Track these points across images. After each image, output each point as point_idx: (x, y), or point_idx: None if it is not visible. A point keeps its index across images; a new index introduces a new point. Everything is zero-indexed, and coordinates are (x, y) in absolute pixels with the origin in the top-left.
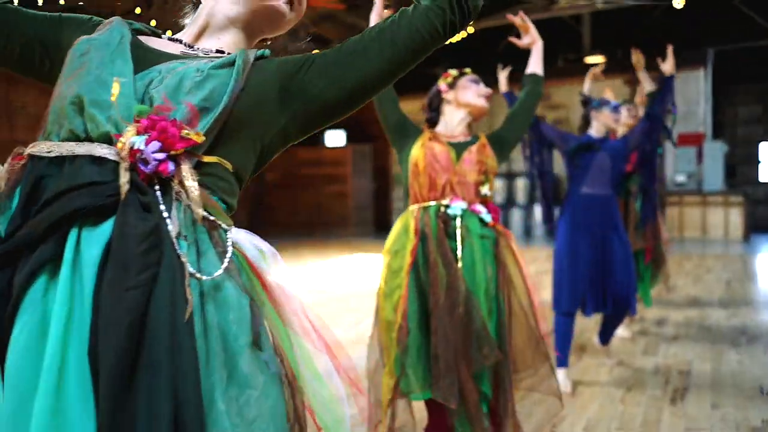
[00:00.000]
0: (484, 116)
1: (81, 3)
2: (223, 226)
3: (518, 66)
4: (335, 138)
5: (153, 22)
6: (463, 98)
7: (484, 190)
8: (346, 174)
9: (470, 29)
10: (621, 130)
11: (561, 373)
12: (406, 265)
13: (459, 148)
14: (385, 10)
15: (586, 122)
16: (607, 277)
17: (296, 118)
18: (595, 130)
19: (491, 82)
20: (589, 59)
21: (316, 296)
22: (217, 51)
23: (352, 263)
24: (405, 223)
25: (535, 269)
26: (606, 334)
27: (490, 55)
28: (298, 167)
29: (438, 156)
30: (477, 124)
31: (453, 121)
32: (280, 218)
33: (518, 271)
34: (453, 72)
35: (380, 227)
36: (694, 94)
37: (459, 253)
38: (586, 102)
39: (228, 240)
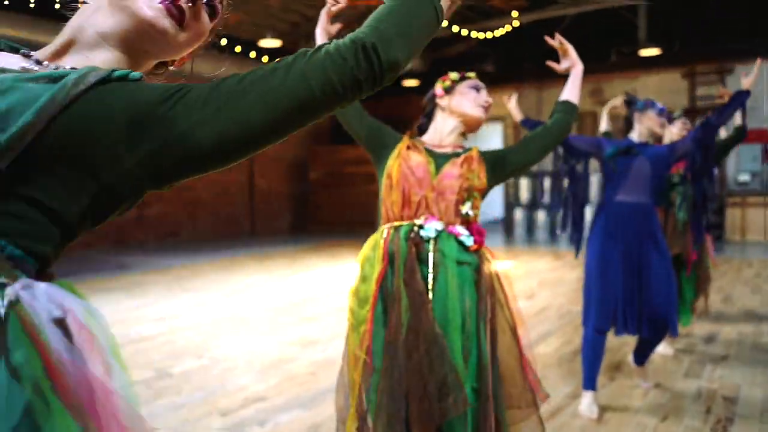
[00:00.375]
0: (479, 127)
1: None
2: None
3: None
4: None
5: None
6: (458, 106)
7: (465, 209)
8: None
9: (515, 23)
10: (668, 138)
11: (587, 397)
12: (371, 295)
13: (441, 159)
14: (335, 24)
15: (628, 125)
16: (643, 293)
17: (151, 160)
18: (637, 134)
19: (537, 75)
20: (644, 52)
21: (343, 298)
22: (72, 69)
23: None
24: (374, 246)
25: (578, 275)
26: (642, 355)
27: (539, 49)
28: (341, 165)
29: (414, 168)
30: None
31: (444, 129)
32: (324, 217)
33: (505, 302)
34: (453, 75)
35: None
36: (759, 87)
37: (430, 281)
38: (630, 103)
39: (4, 298)
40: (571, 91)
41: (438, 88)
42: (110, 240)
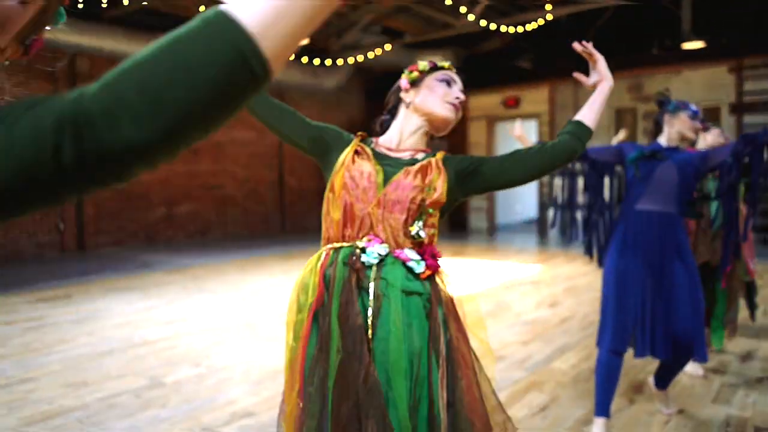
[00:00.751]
0: (448, 128)
1: (144, 3)
2: None
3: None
4: None
5: None
6: (423, 103)
7: (415, 229)
8: None
9: (549, 17)
10: (701, 147)
11: (599, 425)
12: (303, 328)
13: (392, 167)
14: None
15: (658, 128)
16: (665, 312)
17: None
18: (666, 138)
19: (573, 71)
20: (688, 45)
21: None
22: None
23: None
24: (311, 270)
25: None
26: (663, 380)
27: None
28: None
29: (358, 178)
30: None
31: (405, 128)
32: None
33: (462, 340)
34: (422, 65)
35: (455, 227)
36: None
37: (370, 316)
38: (662, 103)
39: None
40: (590, 111)
41: (403, 80)
42: (140, 238)
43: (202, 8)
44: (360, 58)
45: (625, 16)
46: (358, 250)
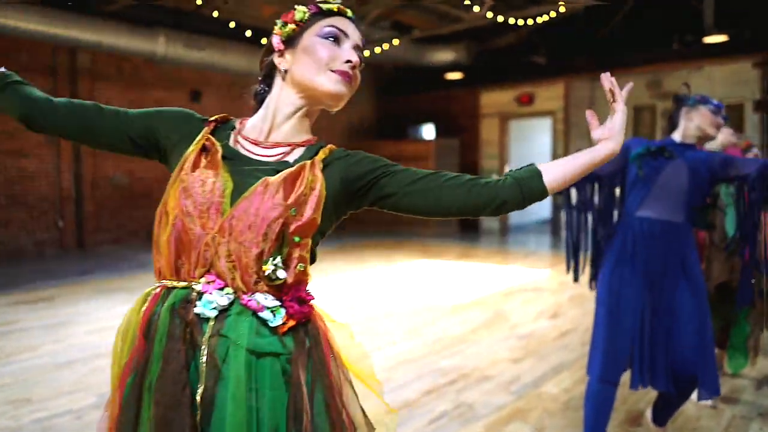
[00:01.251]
0: (339, 104)
1: None
2: None
3: (628, 51)
4: (424, 131)
5: (215, 13)
6: (301, 73)
7: (269, 267)
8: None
9: (562, 9)
10: (710, 144)
11: None
12: (115, 392)
13: (249, 175)
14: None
15: (672, 125)
16: (665, 338)
17: None
18: (681, 133)
19: (590, 67)
20: (710, 39)
21: (356, 310)
22: None
23: (414, 271)
24: (137, 311)
25: None
26: (662, 414)
27: (592, 39)
28: None
29: (195, 190)
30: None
31: (280, 109)
32: (364, 215)
33: (342, 409)
34: (300, 10)
35: (466, 227)
36: None
37: (200, 391)
38: (680, 100)
39: None
40: (563, 166)
41: (275, 38)
42: (141, 237)
43: (198, 1)
44: (366, 53)
45: (645, 9)
46: (194, 294)
